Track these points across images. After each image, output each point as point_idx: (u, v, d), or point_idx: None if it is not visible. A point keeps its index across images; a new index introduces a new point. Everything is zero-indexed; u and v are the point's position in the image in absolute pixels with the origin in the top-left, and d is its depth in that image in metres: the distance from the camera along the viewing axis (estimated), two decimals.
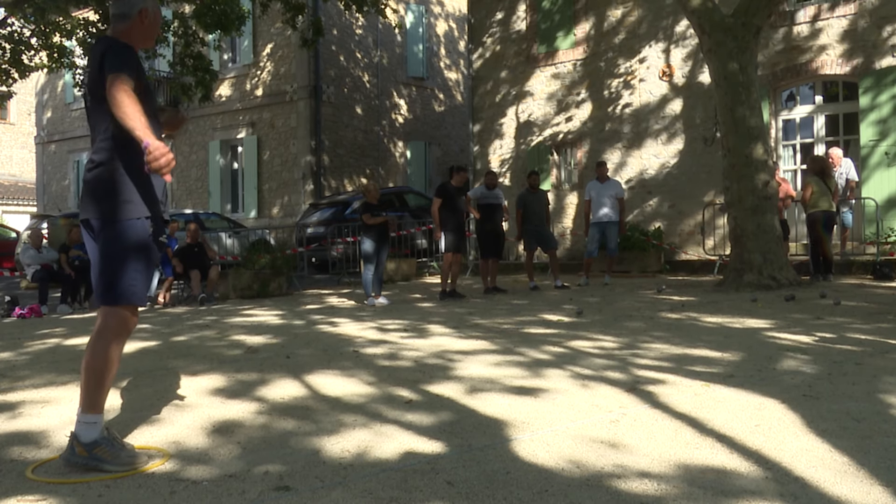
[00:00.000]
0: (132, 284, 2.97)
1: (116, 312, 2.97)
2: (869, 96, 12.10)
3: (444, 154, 22.75)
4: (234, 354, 5.73)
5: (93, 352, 2.94)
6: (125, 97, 2.83)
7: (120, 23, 3.16)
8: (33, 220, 18.68)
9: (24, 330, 8.25)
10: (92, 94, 3.06)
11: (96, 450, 2.87)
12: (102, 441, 2.90)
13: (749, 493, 2.49)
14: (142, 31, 3.18)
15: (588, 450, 3.00)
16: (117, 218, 2.96)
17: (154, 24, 3.22)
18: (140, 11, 3.14)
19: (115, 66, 2.90)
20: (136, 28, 3.16)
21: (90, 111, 3.10)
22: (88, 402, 2.93)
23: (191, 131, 21.67)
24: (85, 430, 2.91)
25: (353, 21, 20.33)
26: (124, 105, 2.81)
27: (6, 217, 30.97)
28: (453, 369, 4.78)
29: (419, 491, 2.60)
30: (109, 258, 2.97)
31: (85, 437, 2.90)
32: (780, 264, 9.47)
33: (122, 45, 3.04)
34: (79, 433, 2.91)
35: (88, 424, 2.91)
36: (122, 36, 3.13)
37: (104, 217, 2.98)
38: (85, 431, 2.90)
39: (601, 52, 14.77)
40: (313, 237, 15.05)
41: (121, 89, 2.84)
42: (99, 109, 3.02)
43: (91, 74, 3.03)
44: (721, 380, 4.21)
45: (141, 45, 3.21)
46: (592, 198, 11.03)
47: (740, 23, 9.67)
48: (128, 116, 2.79)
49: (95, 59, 3.02)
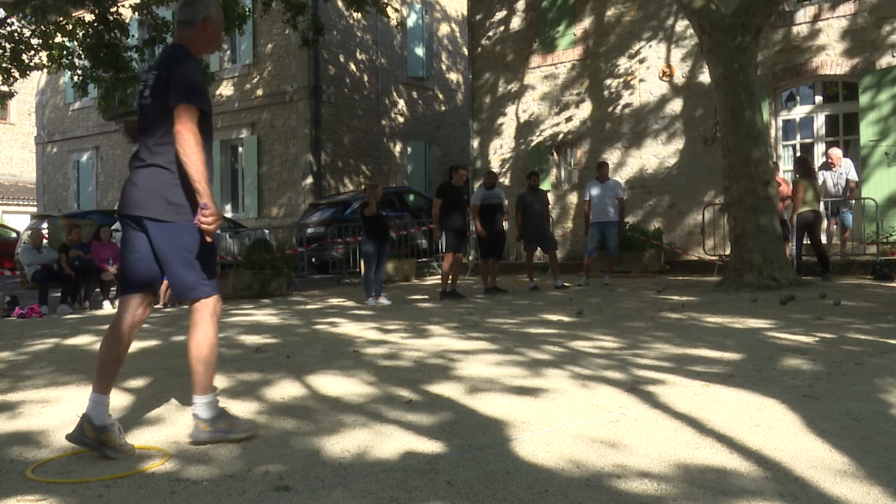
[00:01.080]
0: (206, 276, 3.20)
1: (204, 304, 3.20)
2: (869, 96, 12.10)
3: (444, 154, 22.75)
4: (234, 354, 5.73)
5: (196, 343, 3.19)
6: (193, 143, 3.01)
7: (185, 29, 3.27)
8: (33, 220, 18.67)
9: (24, 330, 8.25)
10: (154, 96, 3.14)
11: (218, 423, 3.20)
12: (221, 415, 3.23)
13: (749, 493, 2.49)
14: (205, 38, 3.29)
15: (588, 450, 3.00)
16: (180, 220, 3.12)
17: (217, 32, 3.33)
18: (204, 18, 3.26)
19: (186, 95, 3.04)
20: (199, 34, 3.27)
21: (147, 109, 3.18)
22: (202, 386, 3.21)
23: None
24: (205, 409, 3.21)
25: (354, 21, 20.32)
26: (191, 152, 3.00)
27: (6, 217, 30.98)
28: (453, 369, 4.78)
29: (419, 491, 2.60)
30: (180, 257, 3.15)
31: (206, 415, 3.20)
32: (780, 264, 9.47)
33: (192, 61, 3.16)
34: (199, 413, 3.21)
35: (207, 404, 3.21)
36: (187, 42, 3.25)
37: (167, 218, 3.12)
38: (205, 410, 3.20)
39: (601, 52, 14.77)
40: (313, 237, 15.05)
41: (190, 130, 3.02)
42: (160, 112, 3.11)
43: (158, 77, 3.14)
44: (721, 380, 4.21)
45: (203, 52, 3.33)
46: (592, 198, 11.03)
47: (740, 23, 9.67)
48: (191, 164, 3.00)
49: (164, 64, 3.15)
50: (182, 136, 3.00)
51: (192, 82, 3.08)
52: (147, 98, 3.18)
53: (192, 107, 3.04)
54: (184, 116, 3.02)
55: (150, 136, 3.15)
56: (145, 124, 3.19)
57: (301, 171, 19.40)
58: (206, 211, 2.97)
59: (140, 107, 3.24)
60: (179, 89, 3.04)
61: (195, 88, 3.08)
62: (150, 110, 3.16)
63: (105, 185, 24.04)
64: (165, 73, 3.11)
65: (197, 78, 3.11)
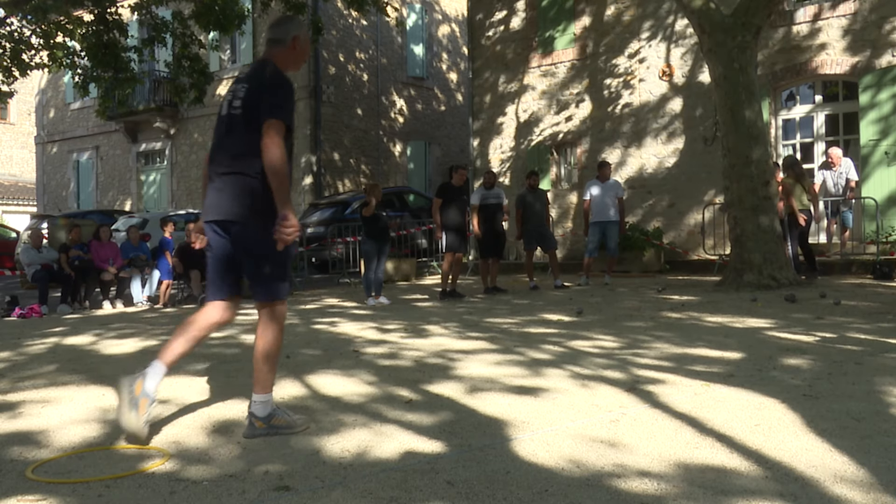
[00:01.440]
0: (283, 282, 3.36)
1: (275, 307, 3.34)
2: (869, 95, 12.10)
3: (444, 154, 22.75)
4: (235, 354, 5.72)
5: (264, 342, 3.32)
6: (279, 157, 3.14)
7: (275, 47, 3.45)
8: (33, 220, 18.67)
9: (24, 330, 8.25)
10: (245, 108, 3.28)
11: (273, 420, 3.33)
12: (277, 412, 3.37)
13: (749, 493, 2.49)
14: (293, 57, 3.46)
15: (588, 449, 3.00)
16: (268, 226, 3.21)
17: (304, 51, 3.51)
18: (294, 38, 3.45)
19: (276, 111, 3.20)
20: (288, 53, 3.45)
21: (235, 119, 3.32)
22: (262, 385, 3.33)
23: (191, 131, 21.67)
24: (261, 408, 3.33)
25: (353, 21, 20.32)
26: (276, 166, 3.13)
27: (6, 217, 30.97)
28: (453, 369, 4.78)
29: (419, 491, 2.60)
30: (264, 262, 3.29)
31: (262, 413, 3.33)
32: (780, 264, 9.47)
33: (284, 80, 3.31)
34: (255, 412, 3.33)
35: (263, 403, 3.34)
36: (276, 59, 3.41)
37: (256, 224, 3.25)
38: (261, 409, 3.33)
39: (601, 51, 14.77)
40: (313, 237, 15.05)
41: (277, 144, 3.15)
42: (249, 123, 3.25)
43: (250, 90, 3.30)
44: (721, 379, 4.21)
45: (290, 69, 3.46)
46: (593, 197, 11.02)
47: (740, 23, 9.67)
48: (276, 177, 3.13)
49: (257, 78, 3.33)
50: (269, 150, 3.14)
51: (282, 99, 3.24)
52: (237, 109, 3.32)
53: (280, 122, 3.18)
54: (272, 131, 3.16)
55: (235, 145, 3.30)
56: (230, 133, 3.34)
57: (301, 171, 19.40)
58: (286, 222, 3.10)
59: (227, 116, 3.37)
60: (270, 105, 3.20)
61: (284, 105, 3.24)
62: (239, 120, 3.30)
63: (105, 185, 24.04)
64: (257, 87, 3.29)
65: (287, 95, 3.27)
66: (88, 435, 3.49)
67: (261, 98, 3.24)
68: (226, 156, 3.33)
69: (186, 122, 21.67)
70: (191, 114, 21.29)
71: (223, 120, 3.40)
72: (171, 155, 22.17)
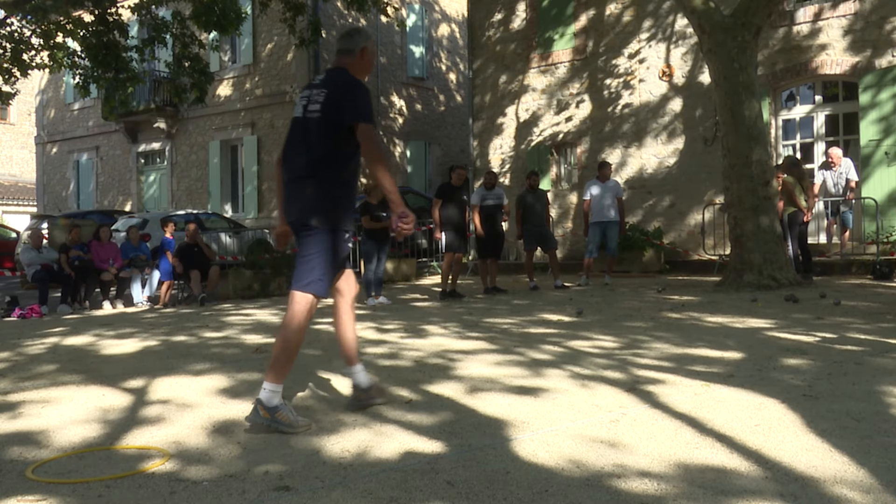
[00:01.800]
0: (326, 279, 3.48)
1: (308, 299, 3.43)
2: (869, 95, 12.10)
3: (444, 154, 22.74)
4: (235, 354, 5.73)
5: (287, 331, 3.41)
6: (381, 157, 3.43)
7: (345, 56, 3.69)
8: (33, 220, 18.66)
9: (24, 330, 8.25)
10: (324, 112, 3.49)
11: (277, 414, 3.35)
12: (282, 407, 3.38)
13: (749, 493, 2.49)
14: (361, 66, 3.68)
15: (588, 449, 3.00)
16: (335, 227, 3.48)
17: (371, 62, 3.73)
18: (362, 49, 3.69)
19: (365, 115, 3.44)
20: (357, 62, 3.67)
21: (312, 122, 3.52)
22: (275, 374, 3.39)
23: (191, 131, 21.66)
24: (270, 396, 3.37)
25: (353, 21, 20.31)
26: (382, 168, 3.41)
27: (6, 217, 30.97)
28: (453, 369, 4.78)
29: (419, 491, 2.60)
30: (313, 256, 3.45)
31: (269, 402, 3.37)
32: (780, 264, 9.46)
33: (362, 85, 3.55)
34: (264, 399, 3.38)
35: (273, 392, 3.38)
36: (348, 67, 3.64)
37: (323, 225, 3.46)
38: (269, 398, 3.37)
39: (601, 51, 14.77)
40: None
41: (376, 144, 3.43)
42: (329, 127, 3.48)
43: (329, 95, 3.51)
44: (721, 380, 4.21)
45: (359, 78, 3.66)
46: (593, 198, 11.02)
47: (740, 23, 9.66)
48: (385, 178, 3.39)
49: (336, 84, 3.55)
50: (370, 150, 3.42)
51: (366, 103, 3.48)
52: (315, 112, 3.51)
53: (370, 125, 3.42)
54: (367, 133, 3.41)
55: (312, 148, 3.50)
56: (307, 136, 3.52)
57: None
58: (405, 218, 3.31)
59: (302, 119, 3.56)
60: (358, 109, 3.44)
61: (369, 109, 3.48)
62: (318, 124, 3.50)
63: (105, 185, 24.03)
64: (338, 92, 3.50)
65: (369, 99, 3.52)
66: (88, 435, 3.49)
67: (342, 103, 3.45)
68: (301, 158, 3.51)
69: (186, 122, 21.67)
70: (191, 114, 21.28)
71: (299, 122, 3.57)
72: (171, 155, 22.16)
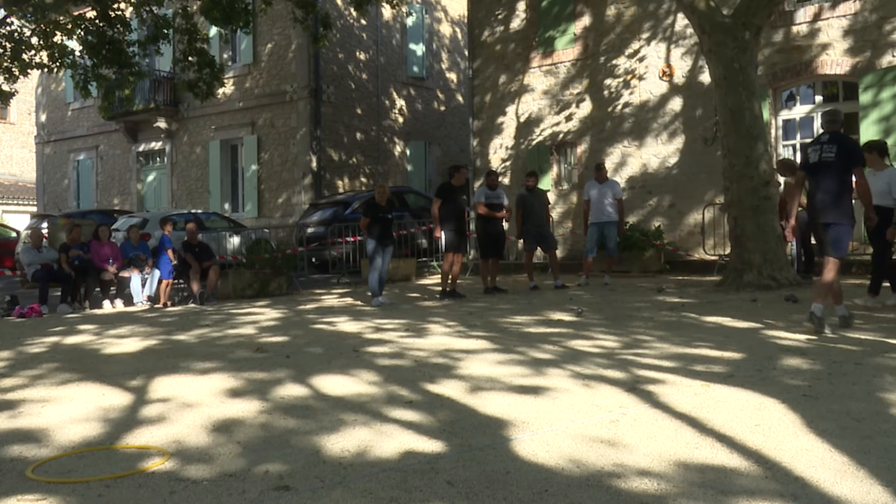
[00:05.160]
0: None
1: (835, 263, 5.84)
2: (869, 95, 12.09)
3: (444, 154, 22.74)
4: (234, 354, 5.72)
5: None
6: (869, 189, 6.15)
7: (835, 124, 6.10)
8: (33, 220, 18.66)
9: (24, 330, 8.26)
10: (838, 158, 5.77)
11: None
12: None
13: (749, 493, 2.49)
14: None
15: (588, 449, 3.00)
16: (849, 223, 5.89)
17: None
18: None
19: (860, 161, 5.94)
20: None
21: (830, 165, 5.79)
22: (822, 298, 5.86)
23: (191, 131, 21.66)
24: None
25: (353, 20, 20.32)
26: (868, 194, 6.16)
27: (6, 217, 30.95)
28: (454, 369, 4.78)
29: (419, 491, 2.60)
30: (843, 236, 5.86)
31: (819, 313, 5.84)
32: (781, 264, 9.46)
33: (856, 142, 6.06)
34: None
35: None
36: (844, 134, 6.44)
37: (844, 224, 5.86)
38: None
39: (601, 51, 14.77)
40: (313, 237, 15.05)
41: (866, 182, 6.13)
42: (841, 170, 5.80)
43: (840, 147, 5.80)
44: (721, 380, 4.21)
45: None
46: (591, 198, 11.03)
47: (740, 23, 9.66)
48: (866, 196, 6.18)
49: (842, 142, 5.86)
50: (861, 185, 5.98)
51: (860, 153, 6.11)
52: (831, 157, 5.77)
53: (861, 169, 5.90)
54: (859, 172, 5.94)
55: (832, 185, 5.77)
56: (829, 175, 5.79)
57: (301, 171, 19.39)
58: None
59: (822, 163, 5.82)
60: (857, 158, 5.88)
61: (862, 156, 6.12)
62: (834, 167, 5.76)
63: (105, 185, 24.03)
64: (844, 149, 5.79)
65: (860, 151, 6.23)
66: (88, 434, 3.49)
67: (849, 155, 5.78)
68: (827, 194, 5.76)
69: (186, 121, 21.66)
70: (191, 113, 21.29)
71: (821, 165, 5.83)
72: (171, 154, 22.16)
